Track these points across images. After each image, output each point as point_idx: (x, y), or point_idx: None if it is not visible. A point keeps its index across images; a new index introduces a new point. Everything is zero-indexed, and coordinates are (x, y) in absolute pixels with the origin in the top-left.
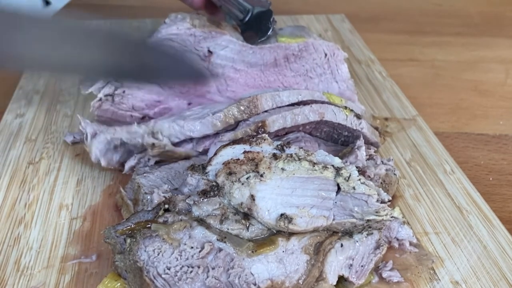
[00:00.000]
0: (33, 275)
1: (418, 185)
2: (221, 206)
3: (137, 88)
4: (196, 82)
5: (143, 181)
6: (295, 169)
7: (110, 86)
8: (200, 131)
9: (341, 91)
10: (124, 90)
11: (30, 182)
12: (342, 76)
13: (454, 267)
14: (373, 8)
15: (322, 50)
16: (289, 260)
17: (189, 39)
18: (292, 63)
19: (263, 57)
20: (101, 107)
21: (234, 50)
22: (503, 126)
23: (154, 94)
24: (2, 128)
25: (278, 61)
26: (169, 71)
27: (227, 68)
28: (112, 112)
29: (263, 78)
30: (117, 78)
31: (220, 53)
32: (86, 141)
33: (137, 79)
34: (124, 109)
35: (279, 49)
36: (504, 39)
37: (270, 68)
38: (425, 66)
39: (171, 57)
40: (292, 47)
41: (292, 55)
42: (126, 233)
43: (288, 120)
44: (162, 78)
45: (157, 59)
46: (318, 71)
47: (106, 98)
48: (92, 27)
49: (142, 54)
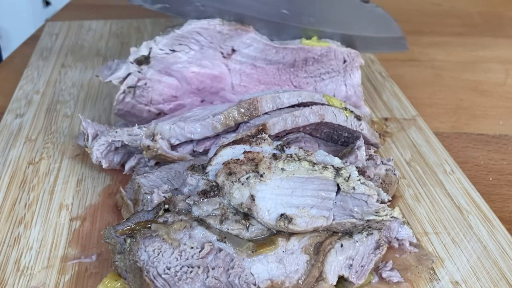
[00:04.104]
0: (33, 275)
1: (418, 185)
2: (221, 206)
3: (158, 81)
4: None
5: (143, 181)
6: (295, 169)
7: (132, 77)
8: (200, 133)
9: (347, 95)
10: (146, 82)
11: (30, 182)
12: (353, 81)
13: (454, 267)
14: None
15: (342, 58)
16: (289, 260)
17: (216, 36)
18: (309, 65)
19: (285, 56)
20: (124, 100)
21: (258, 48)
22: (503, 126)
23: (172, 89)
24: (2, 128)
25: (297, 62)
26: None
27: (246, 64)
28: (132, 106)
29: (276, 76)
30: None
31: (244, 51)
32: (87, 141)
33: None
34: (143, 103)
35: (301, 51)
36: (504, 39)
37: (287, 67)
38: (425, 66)
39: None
40: (314, 51)
41: (312, 58)
42: (126, 233)
43: (288, 122)
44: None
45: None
46: (332, 74)
47: (129, 90)
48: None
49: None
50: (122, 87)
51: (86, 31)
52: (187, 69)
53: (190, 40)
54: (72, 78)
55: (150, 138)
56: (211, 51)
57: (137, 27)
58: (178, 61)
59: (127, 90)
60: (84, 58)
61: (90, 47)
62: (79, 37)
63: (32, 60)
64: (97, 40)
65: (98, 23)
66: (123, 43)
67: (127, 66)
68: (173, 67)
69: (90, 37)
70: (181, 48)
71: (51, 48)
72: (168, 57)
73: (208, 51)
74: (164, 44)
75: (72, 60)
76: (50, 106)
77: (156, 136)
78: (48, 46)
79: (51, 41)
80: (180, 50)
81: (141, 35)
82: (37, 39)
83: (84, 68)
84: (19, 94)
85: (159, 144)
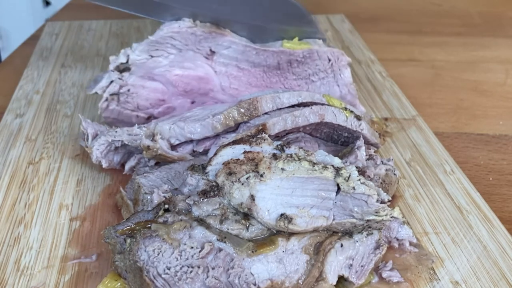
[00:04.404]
0: (33, 275)
1: (418, 185)
2: (221, 206)
3: (141, 86)
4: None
5: (143, 181)
6: (295, 169)
7: (114, 85)
8: (200, 133)
9: (342, 95)
10: (129, 89)
11: (30, 182)
12: (344, 80)
13: (454, 267)
14: (373, 8)
15: (326, 57)
16: (289, 260)
17: (190, 38)
18: (295, 68)
19: (266, 59)
20: (108, 108)
21: (238, 50)
22: (503, 126)
23: (158, 93)
24: (2, 128)
25: (281, 64)
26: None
27: (231, 66)
28: (118, 112)
29: (265, 78)
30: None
31: (223, 52)
32: (87, 141)
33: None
34: (130, 109)
35: (282, 54)
36: (504, 39)
37: (273, 70)
38: (425, 66)
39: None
40: (296, 54)
41: (296, 60)
42: (126, 233)
43: (288, 122)
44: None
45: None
46: (321, 75)
47: (112, 97)
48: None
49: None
50: (105, 95)
51: (86, 31)
52: (169, 72)
53: (165, 45)
54: (72, 78)
55: (150, 138)
56: (191, 53)
57: (137, 27)
58: (158, 65)
59: (109, 97)
60: (84, 58)
61: (90, 47)
62: (79, 37)
63: (32, 60)
64: (97, 40)
65: (98, 23)
66: (123, 43)
67: (109, 74)
68: (155, 71)
69: (90, 37)
70: (158, 54)
71: (51, 48)
72: (148, 62)
73: (188, 53)
74: (141, 50)
75: (72, 60)
76: (50, 106)
77: (156, 136)
78: (48, 46)
79: (51, 41)
80: (158, 56)
81: (141, 35)
82: (37, 39)
83: (84, 68)
84: (19, 94)
85: (159, 144)
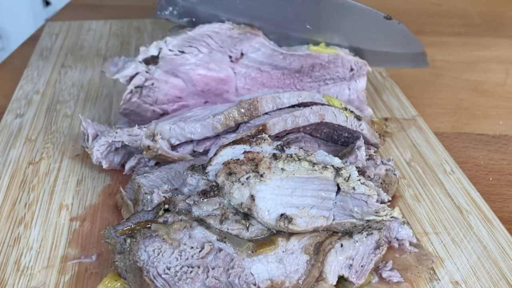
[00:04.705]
0: (33, 275)
1: (418, 185)
2: (221, 206)
3: (164, 81)
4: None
5: (143, 181)
6: (295, 169)
7: (140, 77)
8: (200, 133)
9: (350, 99)
10: (153, 82)
11: (30, 182)
12: (357, 86)
13: (454, 267)
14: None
15: (349, 66)
16: (289, 260)
17: (227, 40)
18: (315, 72)
19: (292, 63)
20: (130, 100)
21: (265, 54)
22: (503, 126)
23: (177, 90)
24: (2, 128)
25: (303, 68)
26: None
27: (252, 68)
28: (138, 105)
29: (280, 80)
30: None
31: (251, 56)
32: (87, 141)
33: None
34: (149, 102)
35: (309, 58)
36: (504, 39)
37: (293, 73)
38: None
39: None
40: (322, 57)
41: (319, 64)
42: (126, 233)
43: (288, 123)
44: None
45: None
46: (337, 80)
47: (136, 90)
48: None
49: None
50: (130, 86)
51: (86, 31)
52: (194, 71)
53: (200, 42)
54: (72, 78)
55: (150, 138)
56: (219, 55)
57: (137, 27)
58: (186, 62)
59: (134, 90)
60: (84, 58)
61: (90, 47)
62: (79, 37)
63: (32, 60)
64: (97, 40)
65: (98, 23)
66: (123, 43)
67: (136, 65)
68: (180, 68)
69: (90, 37)
70: (190, 50)
71: (51, 48)
72: (176, 58)
73: (217, 55)
74: (174, 45)
75: (72, 60)
76: (50, 106)
77: (156, 136)
78: (48, 46)
79: (51, 41)
80: (189, 52)
81: (141, 35)
82: (37, 39)
83: (84, 68)
84: (19, 94)
85: (159, 144)
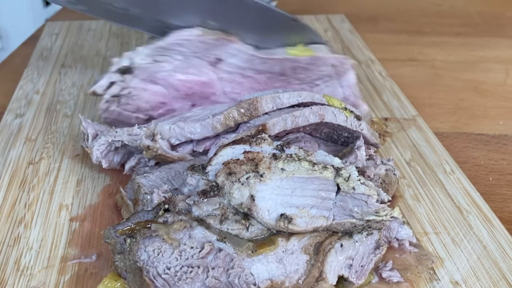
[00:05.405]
0: (33, 275)
1: (418, 185)
2: (221, 206)
3: (143, 89)
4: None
5: (143, 181)
6: (295, 169)
7: (116, 87)
8: (200, 133)
9: (345, 96)
10: (130, 91)
11: (30, 182)
12: (348, 82)
13: (454, 267)
14: (373, 8)
15: (330, 63)
16: (289, 260)
17: (199, 46)
18: (299, 73)
19: (272, 67)
20: (108, 109)
21: (244, 59)
22: (503, 126)
23: (159, 96)
24: (2, 128)
25: (285, 71)
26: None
27: (235, 74)
28: (118, 113)
29: (269, 84)
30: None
31: (229, 61)
32: (87, 141)
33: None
34: (130, 110)
35: (287, 62)
36: (504, 39)
37: (277, 76)
38: (425, 66)
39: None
40: (301, 61)
41: (301, 67)
42: (126, 233)
43: (288, 123)
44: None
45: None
46: (325, 79)
47: (113, 99)
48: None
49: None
50: (105, 96)
51: (86, 31)
52: (172, 77)
53: (172, 51)
54: (72, 78)
55: (150, 138)
56: (196, 60)
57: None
58: (162, 69)
59: (110, 99)
60: (84, 58)
61: (90, 47)
62: (79, 37)
63: (32, 60)
64: (97, 40)
65: (98, 23)
66: (123, 43)
67: (109, 75)
68: (158, 75)
69: (90, 37)
70: (164, 59)
71: (51, 48)
72: (152, 67)
73: (194, 60)
74: (146, 54)
75: (72, 60)
76: (50, 106)
77: (156, 136)
78: (48, 46)
79: (51, 41)
80: (164, 61)
81: (141, 35)
82: (37, 39)
83: (84, 68)
84: (19, 94)
85: (159, 144)
